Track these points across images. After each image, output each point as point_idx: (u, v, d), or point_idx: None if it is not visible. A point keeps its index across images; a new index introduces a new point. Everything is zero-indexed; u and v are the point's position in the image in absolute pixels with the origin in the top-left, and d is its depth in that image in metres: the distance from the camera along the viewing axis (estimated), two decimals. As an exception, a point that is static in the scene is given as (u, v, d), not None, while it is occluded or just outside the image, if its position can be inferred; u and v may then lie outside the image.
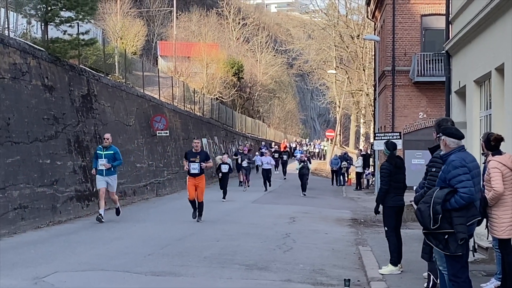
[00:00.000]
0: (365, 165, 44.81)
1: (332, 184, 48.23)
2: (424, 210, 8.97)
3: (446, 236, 8.84)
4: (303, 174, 37.24)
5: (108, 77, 33.37)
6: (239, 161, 41.75)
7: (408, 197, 13.74)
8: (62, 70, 25.69)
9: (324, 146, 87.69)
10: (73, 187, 24.39)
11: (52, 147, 23.30)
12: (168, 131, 37.30)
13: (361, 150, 50.48)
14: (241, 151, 44.12)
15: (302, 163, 37.84)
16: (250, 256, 15.48)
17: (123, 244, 17.33)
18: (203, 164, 22.58)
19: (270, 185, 40.51)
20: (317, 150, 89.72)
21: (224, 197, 31.64)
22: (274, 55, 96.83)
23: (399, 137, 33.68)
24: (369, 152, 46.37)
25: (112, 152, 22.08)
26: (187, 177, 23.05)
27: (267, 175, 40.50)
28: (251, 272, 13.54)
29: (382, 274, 13.02)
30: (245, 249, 16.61)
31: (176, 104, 46.67)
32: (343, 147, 74.15)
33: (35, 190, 21.30)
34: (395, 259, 13.28)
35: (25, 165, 20.83)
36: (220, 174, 32.50)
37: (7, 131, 20.44)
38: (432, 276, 10.87)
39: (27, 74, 22.56)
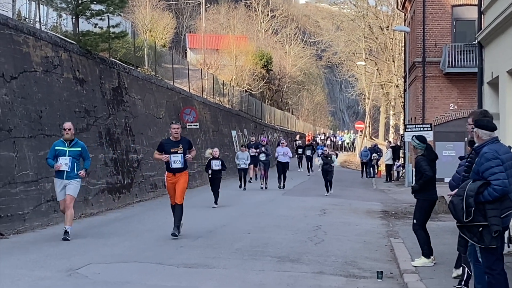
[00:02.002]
0: (395, 157, 44.58)
1: (362, 176, 48.06)
2: (457, 203, 8.92)
3: (481, 229, 8.78)
4: (327, 171, 31.96)
5: (138, 70, 33.49)
6: (251, 153, 35.99)
7: (439, 190, 13.69)
8: (93, 63, 25.83)
9: (348, 138, 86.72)
10: (104, 180, 24.53)
11: (83, 140, 23.32)
12: (198, 124, 37.37)
13: (390, 142, 50.22)
14: (252, 142, 39.21)
15: (325, 159, 32.35)
16: (281, 248, 15.47)
17: (155, 236, 17.41)
18: (188, 156, 17.07)
19: (284, 182, 34.64)
20: (340, 142, 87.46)
21: (215, 202, 25.47)
22: (303, 47, 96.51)
23: (430, 128, 33.49)
24: (399, 144, 46.10)
25: (79, 148, 16.71)
26: (166, 175, 17.78)
27: (282, 168, 34.45)
28: (283, 264, 13.53)
29: (415, 267, 12.95)
30: (276, 241, 16.61)
31: (205, 97, 46.79)
32: (373, 139, 73.82)
33: (67, 183, 21.42)
34: (427, 251, 13.20)
35: (57, 158, 20.95)
36: (210, 172, 25.97)
37: (39, 124, 20.61)
38: (466, 269, 10.80)
39: (58, 67, 22.72)
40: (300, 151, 50.77)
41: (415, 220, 13.59)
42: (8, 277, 11.73)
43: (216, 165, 25.86)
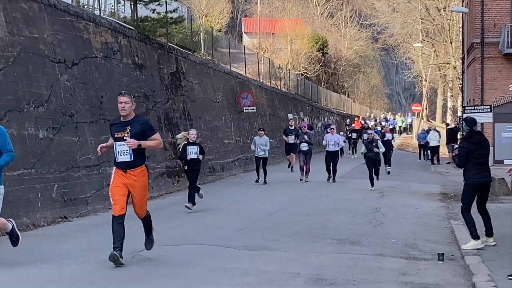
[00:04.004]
0: (453, 139, 44.09)
1: (420, 158, 47.71)
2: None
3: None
4: (373, 160, 26.06)
5: (195, 55, 33.72)
6: (290, 140, 32.05)
7: (499, 172, 13.57)
8: (151, 48, 26.10)
9: (400, 121, 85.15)
10: (163, 163, 24.83)
11: (143, 124, 23.71)
12: (254, 107, 37.50)
13: (448, 124, 49.69)
14: (292, 127, 33.31)
15: (369, 145, 26.21)
16: (341, 231, 15.51)
17: (214, 219, 17.61)
18: (129, 140, 11.46)
19: (335, 175, 29.14)
20: (391, 127, 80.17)
21: (192, 201, 19.44)
22: (359, 30, 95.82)
23: (489, 110, 33.08)
24: (458, 126, 45.58)
25: None
26: (113, 171, 11.86)
27: (332, 159, 28.99)
28: (343, 246, 13.58)
29: (465, 249, 12.87)
30: (335, 223, 16.66)
31: (261, 80, 46.86)
32: (430, 121, 73.12)
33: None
34: (475, 233, 13.10)
35: (118, 142, 21.27)
36: (184, 163, 20.21)
37: (100, 109, 20.95)
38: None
39: (118, 53, 23.02)
40: (354, 135, 47.87)
41: (461, 203, 13.55)
42: (73, 259, 12.03)
43: (192, 152, 19.66)
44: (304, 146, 28.97)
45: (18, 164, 16.38)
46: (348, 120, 61.79)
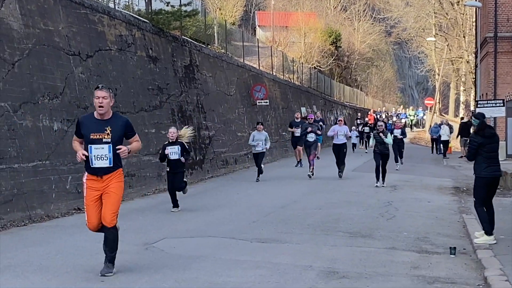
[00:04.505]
0: (466, 133, 43.98)
1: (432, 152, 47.65)
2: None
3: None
4: (381, 153, 24.41)
5: (209, 48, 33.79)
6: (296, 133, 30.85)
7: (508, 166, 13.59)
8: (165, 41, 26.18)
9: (412, 115, 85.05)
10: (177, 156, 24.91)
11: (156, 117, 23.85)
12: (268, 101, 37.58)
13: (462, 118, 49.58)
14: (297, 120, 32.20)
15: (378, 137, 24.50)
16: (353, 224, 15.57)
17: (227, 211, 17.69)
18: (123, 148, 10.14)
19: (343, 169, 27.25)
20: (403, 121, 79.04)
21: (175, 205, 17.90)
22: (372, 24, 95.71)
23: (502, 104, 32.97)
24: (470, 120, 45.46)
25: None
26: (84, 177, 10.40)
27: (338, 152, 27.25)
28: (355, 240, 13.63)
29: (477, 244, 12.91)
30: (347, 217, 16.71)
31: (275, 74, 46.91)
32: (442, 115, 72.99)
33: (141, 159, 21.90)
34: (488, 228, 13.12)
35: (132, 135, 21.40)
36: (166, 165, 18.26)
37: (114, 101, 21.01)
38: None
39: (132, 46, 23.12)
40: (367, 129, 46.97)
41: (474, 198, 13.59)
42: (87, 251, 12.13)
43: (173, 152, 17.78)
44: (311, 137, 27.08)
45: (33, 155, 16.51)
46: (359, 114, 60.66)
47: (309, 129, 27.18)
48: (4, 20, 16.54)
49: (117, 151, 10.06)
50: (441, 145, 46.02)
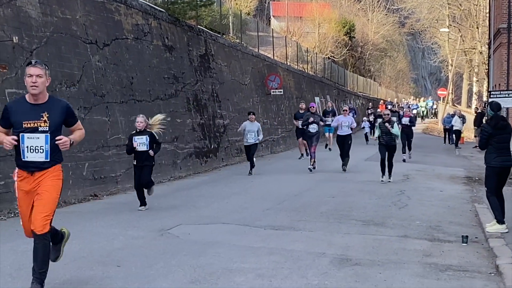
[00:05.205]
0: (479, 123, 43.92)
1: (445, 142, 47.69)
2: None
3: None
4: (386, 144, 22.56)
5: (224, 37, 33.93)
6: (300, 125, 27.84)
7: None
8: (181, 31, 26.35)
9: (424, 105, 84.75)
10: (192, 144, 25.12)
11: (172, 105, 24.04)
12: (282, 90, 37.71)
13: (477, 108, 49.50)
14: (302, 111, 30.58)
15: (384, 127, 22.55)
16: (366, 212, 15.69)
17: (241, 199, 17.84)
18: (63, 139, 8.22)
19: (347, 161, 25.82)
20: (414, 112, 76.86)
21: (142, 203, 15.90)
22: (386, 14, 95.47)
23: (515, 95, 32.93)
24: (483, 111, 45.42)
25: None
26: (15, 175, 8.45)
27: (342, 144, 25.75)
28: (368, 228, 13.75)
29: (488, 232, 13.03)
30: (360, 205, 16.83)
31: (289, 64, 46.99)
32: (455, 106, 72.87)
33: (157, 147, 22.09)
34: (500, 217, 13.24)
35: (147, 123, 21.60)
36: (134, 158, 16.01)
37: (130, 90, 21.26)
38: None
39: (148, 35, 23.29)
40: (379, 120, 45.82)
41: (486, 188, 13.72)
42: (103, 236, 12.32)
43: (141, 143, 15.66)
44: (313, 128, 25.48)
45: (51, 142, 16.70)
46: (370, 104, 58.39)
47: (311, 119, 25.44)
48: (22, 8, 16.74)
49: (56, 142, 8.16)
50: (454, 135, 46.03)
